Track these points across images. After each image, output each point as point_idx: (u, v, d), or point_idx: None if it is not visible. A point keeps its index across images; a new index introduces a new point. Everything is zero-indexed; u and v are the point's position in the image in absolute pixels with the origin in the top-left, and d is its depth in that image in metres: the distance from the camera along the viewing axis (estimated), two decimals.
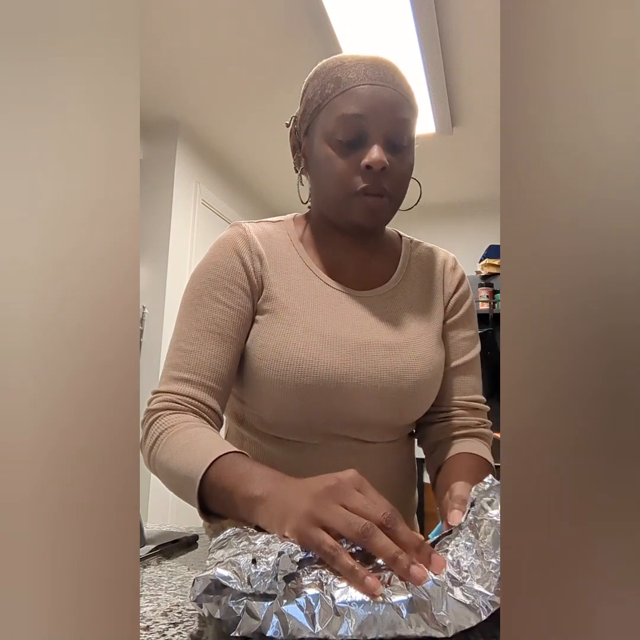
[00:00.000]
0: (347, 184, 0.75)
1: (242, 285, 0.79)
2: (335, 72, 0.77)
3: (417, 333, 0.82)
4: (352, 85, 0.75)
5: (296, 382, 0.74)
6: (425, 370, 0.79)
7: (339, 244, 0.84)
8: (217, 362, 0.76)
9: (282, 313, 0.78)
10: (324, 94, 0.78)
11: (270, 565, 0.41)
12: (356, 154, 0.75)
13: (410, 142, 0.79)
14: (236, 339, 0.78)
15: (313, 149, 0.80)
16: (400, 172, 0.77)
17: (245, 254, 0.80)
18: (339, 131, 0.75)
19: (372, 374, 0.76)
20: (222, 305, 0.78)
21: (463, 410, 0.85)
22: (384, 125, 0.75)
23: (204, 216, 3.26)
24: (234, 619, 0.41)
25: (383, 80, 0.75)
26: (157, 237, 2.94)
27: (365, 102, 0.74)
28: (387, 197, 0.76)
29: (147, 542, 0.72)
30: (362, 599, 0.41)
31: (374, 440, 0.80)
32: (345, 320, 0.79)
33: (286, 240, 0.85)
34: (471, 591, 0.42)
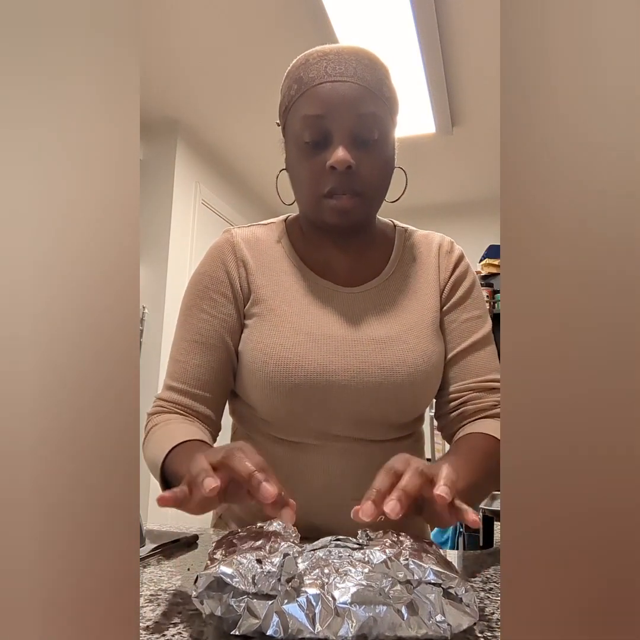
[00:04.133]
0: (315, 186, 0.75)
1: (226, 293, 0.82)
2: (298, 71, 0.76)
3: (410, 324, 0.80)
4: (312, 85, 0.74)
5: (285, 382, 0.74)
6: (418, 362, 0.77)
7: (328, 242, 0.84)
8: (201, 371, 0.80)
9: (270, 315, 0.79)
10: (289, 95, 0.77)
11: (275, 567, 0.41)
12: (322, 155, 0.74)
13: (383, 135, 0.76)
14: (220, 347, 0.81)
15: (287, 150, 0.81)
16: (371, 168, 0.75)
17: (230, 262, 0.82)
18: (303, 133, 0.74)
19: (363, 370, 0.75)
20: (206, 315, 0.81)
21: (477, 393, 0.81)
22: (348, 122, 0.72)
23: (204, 216, 3.26)
24: (235, 617, 0.41)
25: (344, 75, 0.73)
26: (157, 237, 2.94)
27: (326, 101, 0.72)
28: (357, 196, 0.74)
29: (147, 542, 0.72)
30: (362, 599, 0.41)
31: (377, 439, 0.79)
32: (334, 317, 0.79)
33: (275, 242, 0.86)
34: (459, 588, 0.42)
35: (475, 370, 0.82)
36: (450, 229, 4.57)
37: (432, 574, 0.42)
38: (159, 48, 2.44)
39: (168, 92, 2.78)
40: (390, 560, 0.42)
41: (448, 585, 0.42)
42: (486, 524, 2.12)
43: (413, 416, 0.82)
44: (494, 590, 0.56)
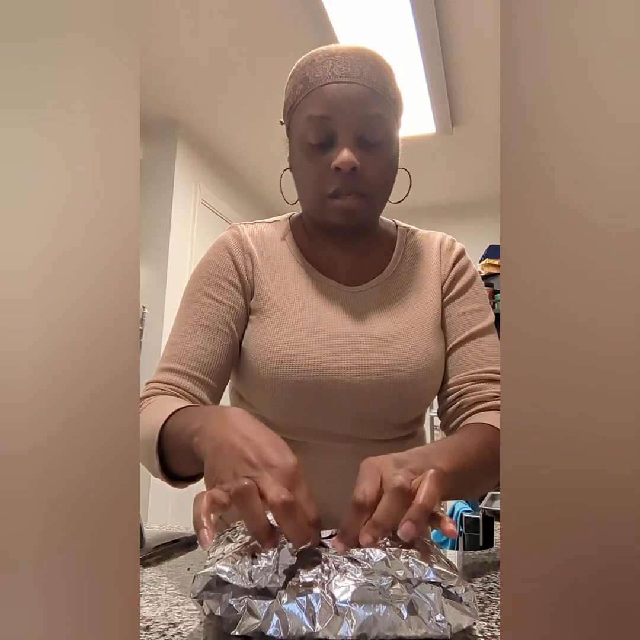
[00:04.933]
0: (319, 186, 0.75)
1: (233, 281, 0.81)
2: (304, 71, 0.76)
3: (412, 322, 0.80)
4: (318, 85, 0.74)
5: (288, 379, 0.74)
6: (421, 360, 0.77)
7: (331, 242, 0.84)
8: (203, 353, 0.76)
9: (273, 311, 0.79)
10: (294, 95, 0.77)
11: (270, 560, 0.42)
12: (327, 156, 0.74)
13: (388, 136, 0.76)
14: (227, 332, 0.78)
15: (292, 151, 0.81)
16: (376, 169, 0.75)
17: (237, 253, 0.82)
18: (308, 133, 0.74)
19: (365, 367, 0.76)
20: (212, 300, 0.79)
21: (476, 384, 0.79)
22: (353, 123, 0.73)
23: (204, 216, 3.26)
24: (235, 617, 0.41)
25: (350, 76, 0.73)
26: (157, 237, 2.94)
27: (331, 102, 0.72)
28: (362, 196, 0.75)
29: (147, 542, 0.72)
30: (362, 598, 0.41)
31: (380, 439, 0.79)
32: (337, 315, 0.79)
33: (280, 240, 0.86)
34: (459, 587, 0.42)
35: (474, 361, 0.81)
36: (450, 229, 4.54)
37: (432, 573, 0.42)
38: (159, 48, 2.44)
39: (168, 92, 2.78)
40: (390, 558, 0.42)
41: (448, 585, 0.42)
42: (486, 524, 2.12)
43: (416, 414, 0.82)
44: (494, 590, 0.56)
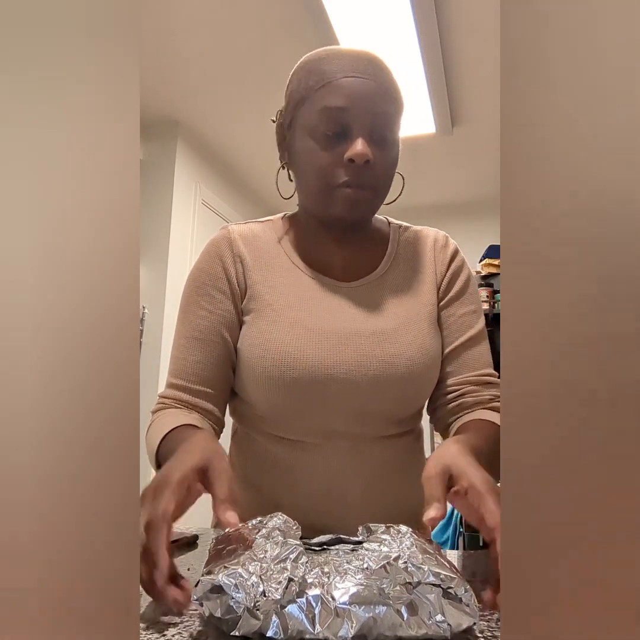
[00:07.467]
0: (329, 176, 0.75)
1: (224, 290, 0.82)
2: (318, 64, 0.77)
3: (407, 318, 0.81)
4: (335, 78, 0.75)
5: (283, 376, 0.75)
6: (416, 356, 0.78)
7: (326, 239, 0.84)
8: (200, 367, 0.81)
9: (267, 310, 0.79)
10: (307, 87, 0.77)
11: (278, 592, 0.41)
12: (339, 147, 0.75)
13: (394, 135, 0.78)
14: (219, 342, 0.81)
15: (296, 142, 0.80)
16: (383, 166, 0.76)
17: (227, 258, 0.83)
18: (322, 124, 0.75)
19: (361, 363, 0.76)
20: (204, 311, 0.82)
21: (475, 387, 0.82)
22: (368, 118, 0.74)
23: (204, 216, 3.26)
24: (235, 618, 0.41)
25: (366, 73, 0.75)
26: (157, 237, 2.94)
27: (349, 95, 0.74)
28: (370, 190, 0.76)
29: None
30: (362, 599, 0.41)
31: (377, 435, 0.79)
32: (332, 312, 0.79)
33: (273, 239, 0.87)
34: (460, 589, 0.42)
35: (473, 364, 0.84)
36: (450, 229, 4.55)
37: (431, 576, 0.42)
38: (159, 48, 2.44)
39: (168, 92, 2.78)
40: (389, 564, 0.42)
41: (448, 586, 0.42)
42: None
43: (412, 410, 0.82)
44: None
